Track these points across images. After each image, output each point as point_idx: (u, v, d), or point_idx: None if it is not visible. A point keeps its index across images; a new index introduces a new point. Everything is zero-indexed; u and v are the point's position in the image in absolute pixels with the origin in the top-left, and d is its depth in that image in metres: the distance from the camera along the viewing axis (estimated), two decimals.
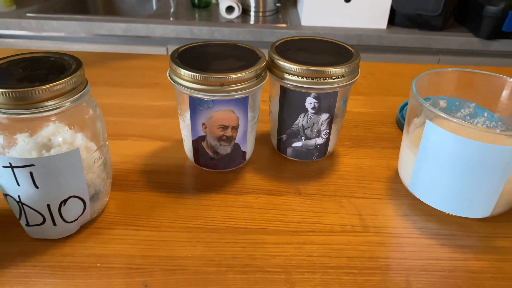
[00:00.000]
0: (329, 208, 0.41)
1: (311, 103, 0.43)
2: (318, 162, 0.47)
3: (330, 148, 0.48)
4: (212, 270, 0.34)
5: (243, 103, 0.40)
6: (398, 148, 0.46)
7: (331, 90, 0.42)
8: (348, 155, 0.49)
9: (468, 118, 0.46)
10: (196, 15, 1.42)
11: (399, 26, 1.39)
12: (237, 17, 1.39)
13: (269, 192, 0.43)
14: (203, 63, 0.40)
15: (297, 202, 0.42)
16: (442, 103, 0.45)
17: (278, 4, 1.48)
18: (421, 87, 0.41)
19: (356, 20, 1.36)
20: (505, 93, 0.42)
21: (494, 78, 0.43)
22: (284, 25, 1.37)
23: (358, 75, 0.43)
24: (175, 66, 0.39)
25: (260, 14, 1.45)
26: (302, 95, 0.42)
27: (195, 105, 0.40)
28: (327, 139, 0.46)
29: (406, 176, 0.42)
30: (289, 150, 0.47)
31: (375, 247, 0.37)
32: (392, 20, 1.39)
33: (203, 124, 0.41)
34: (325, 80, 0.41)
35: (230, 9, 1.37)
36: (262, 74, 0.41)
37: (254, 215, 0.40)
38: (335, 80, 0.41)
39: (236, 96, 0.39)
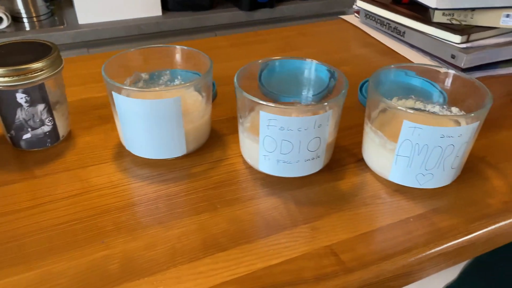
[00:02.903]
0: (61, 181, 0.49)
1: (22, 98, 0.49)
2: (55, 146, 0.54)
3: (63, 133, 0.55)
4: None
5: None
6: None
7: (37, 83, 0.49)
8: (84, 135, 0.57)
9: (168, 83, 0.58)
10: None
11: (174, 10, 1.51)
12: (8, 27, 1.34)
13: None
14: None
15: (30, 185, 0.48)
16: (144, 76, 0.56)
17: (51, 7, 1.46)
18: (113, 69, 0.50)
19: (132, 11, 1.43)
20: (178, 58, 0.55)
21: (168, 48, 0.55)
22: (62, 27, 1.37)
23: (62, 65, 0.51)
24: None
25: (35, 19, 1.42)
26: (11, 93, 0.48)
27: None
28: (54, 125, 0.53)
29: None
30: (22, 143, 0.52)
31: (94, 199, 0.46)
32: (166, 6, 1.50)
33: None
34: (30, 75, 0.48)
35: None
36: None
37: None
38: (38, 73, 0.48)
39: None
